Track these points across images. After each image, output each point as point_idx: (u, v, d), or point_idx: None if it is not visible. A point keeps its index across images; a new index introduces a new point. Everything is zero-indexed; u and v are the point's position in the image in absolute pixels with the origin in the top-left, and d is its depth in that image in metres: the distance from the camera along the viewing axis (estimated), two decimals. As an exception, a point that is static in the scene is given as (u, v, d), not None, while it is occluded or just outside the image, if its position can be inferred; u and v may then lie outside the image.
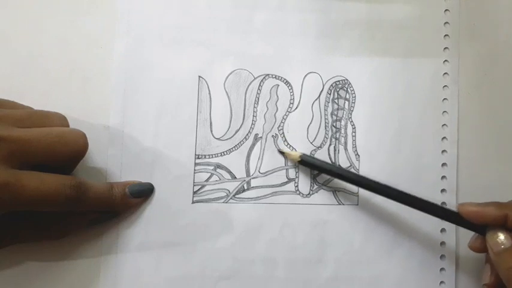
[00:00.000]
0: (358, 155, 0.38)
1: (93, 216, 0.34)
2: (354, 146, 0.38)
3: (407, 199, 0.35)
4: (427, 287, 0.37)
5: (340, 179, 0.36)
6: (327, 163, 0.37)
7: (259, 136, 0.37)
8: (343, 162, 0.38)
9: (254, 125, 0.37)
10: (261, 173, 0.37)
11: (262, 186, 0.37)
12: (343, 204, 0.37)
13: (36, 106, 0.34)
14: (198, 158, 0.37)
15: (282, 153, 0.37)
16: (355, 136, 0.38)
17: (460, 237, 0.38)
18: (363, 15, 0.39)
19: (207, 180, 0.37)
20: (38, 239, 0.34)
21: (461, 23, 0.39)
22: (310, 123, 0.38)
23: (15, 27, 0.36)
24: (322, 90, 0.38)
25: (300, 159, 0.36)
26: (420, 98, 0.39)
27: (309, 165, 0.37)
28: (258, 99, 0.38)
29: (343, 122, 0.38)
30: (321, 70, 0.38)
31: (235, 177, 0.37)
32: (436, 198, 0.38)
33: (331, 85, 0.38)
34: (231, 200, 0.37)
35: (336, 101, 0.38)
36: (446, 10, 0.39)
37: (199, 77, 0.37)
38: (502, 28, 0.40)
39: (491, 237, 0.32)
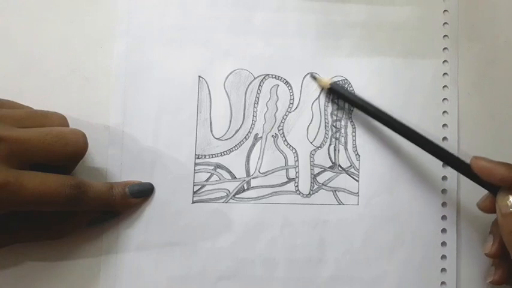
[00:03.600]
0: (359, 155, 0.38)
1: (93, 216, 0.34)
2: (354, 146, 0.38)
3: (431, 146, 0.35)
4: (428, 287, 0.37)
5: (366, 113, 0.36)
6: (355, 95, 0.37)
7: (259, 136, 0.37)
8: (343, 162, 0.38)
9: (254, 125, 0.37)
10: (261, 173, 0.37)
11: (262, 186, 0.37)
12: (343, 204, 0.37)
13: (36, 106, 0.34)
14: (198, 158, 0.37)
15: (314, 78, 0.37)
16: (355, 136, 0.38)
17: (461, 238, 0.38)
18: (362, 16, 0.39)
19: (207, 180, 0.37)
20: (38, 239, 0.34)
21: (460, 24, 0.40)
22: (310, 123, 0.38)
23: (15, 27, 0.37)
24: (322, 90, 0.38)
25: (329, 86, 0.37)
26: (420, 98, 0.39)
27: (337, 93, 0.37)
28: (258, 99, 0.38)
29: (343, 122, 0.38)
30: (321, 70, 0.38)
31: (235, 177, 0.37)
32: (437, 198, 0.38)
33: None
34: (231, 200, 0.37)
35: (336, 101, 0.38)
36: (445, 11, 0.40)
37: (199, 77, 0.37)
38: (501, 28, 0.40)
39: (502, 199, 0.32)
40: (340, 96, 0.37)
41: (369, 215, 0.37)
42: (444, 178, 0.38)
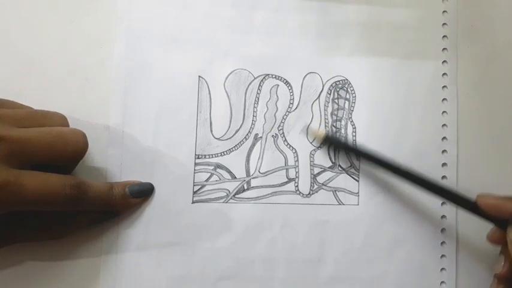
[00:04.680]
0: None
1: (93, 216, 0.34)
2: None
3: (433, 187, 0.35)
4: (427, 287, 0.37)
5: (366, 159, 0.37)
6: (350, 144, 0.37)
7: (259, 136, 0.37)
8: (343, 162, 0.38)
9: (254, 124, 0.37)
10: (261, 173, 0.37)
11: (262, 186, 0.37)
12: (343, 204, 0.37)
13: (36, 106, 0.34)
14: (198, 158, 0.37)
15: (306, 131, 0.37)
16: (355, 136, 0.38)
17: (460, 237, 0.38)
18: (362, 16, 0.39)
19: (207, 180, 0.37)
20: (38, 239, 0.34)
21: (459, 24, 0.40)
22: (310, 123, 0.38)
23: (15, 28, 0.36)
24: (322, 90, 0.38)
25: (324, 137, 0.37)
26: (420, 98, 0.39)
27: (332, 143, 0.37)
28: (258, 99, 0.38)
29: (343, 122, 0.38)
30: (321, 70, 0.38)
31: (235, 177, 0.37)
32: (437, 198, 0.38)
33: (331, 85, 0.38)
34: (231, 200, 0.37)
35: (336, 101, 0.38)
36: (444, 11, 0.40)
37: (199, 77, 0.37)
38: (500, 28, 0.40)
39: None
40: (336, 145, 0.37)
41: (369, 215, 0.37)
42: (444, 178, 0.38)
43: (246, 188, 0.37)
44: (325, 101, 0.38)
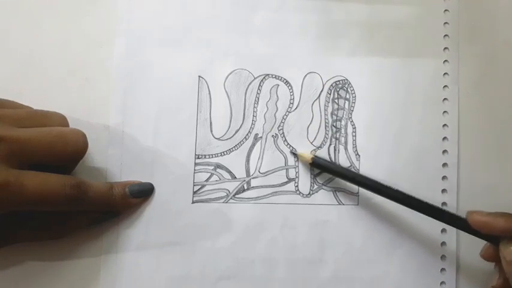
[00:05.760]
0: (359, 155, 0.38)
1: (93, 216, 0.34)
2: (354, 146, 0.38)
3: (429, 210, 0.35)
4: (427, 287, 0.37)
5: (353, 183, 0.36)
6: (337, 166, 0.37)
7: (259, 136, 0.37)
8: (343, 162, 0.38)
9: (254, 124, 0.37)
10: (261, 173, 0.37)
11: (262, 186, 0.37)
12: (343, 204, 0.37)
13: (36, 106, 0.34)
14: (198, 158, 0.37)
15: (294, 154, 0.37)
16: (355, 136, 0.38)
17: (460, 238, 0.38)
18: (363, 16, 0.39)
19: (207, 180, 0.37)
20: (38, 239, 0.34)
21: (461, 23, 0.40)
22: (310, 123, 0.38)
23: (15, 28, 0.37)
24: (322, 90, 0.38)
25: (311, 161, 0.36)
26: (420, 98, 0.39)
27: (320, 167, 0.37)
28: (258, 99, 0.38)
29: (343, 122, 0.38)
30: (321, 70, 0.38)
31: (235, 177, 0.37)
32: (437, 199, 0.38)
33: (331, 85, 0.38)
34: (231, 200, 0.37)
35: (336, 100, 0.38)
36: (445, 10, 0.39)
37: (199, 77, 0.37)
38: (501, 28, 0.40)
39: (505, 247, 0.32)
40: (322, 169, 0.37)
41: (369, 215, 0.37)
42: (444, 178, 0.38)
43: (246, 188, 0.37)
44: (325, 101, 0.38)
